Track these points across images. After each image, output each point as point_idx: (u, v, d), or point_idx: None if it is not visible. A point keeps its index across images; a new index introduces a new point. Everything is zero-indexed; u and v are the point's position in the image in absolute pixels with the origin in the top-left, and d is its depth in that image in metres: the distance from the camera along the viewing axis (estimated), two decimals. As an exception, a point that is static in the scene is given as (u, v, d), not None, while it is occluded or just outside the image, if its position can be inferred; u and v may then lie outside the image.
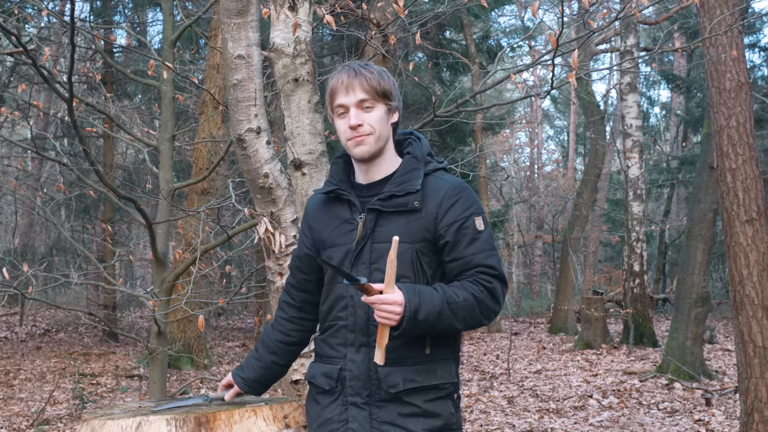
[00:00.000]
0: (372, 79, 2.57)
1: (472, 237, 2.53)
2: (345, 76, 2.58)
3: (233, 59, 3.72)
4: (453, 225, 2.52)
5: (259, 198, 3.89)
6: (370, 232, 2.57)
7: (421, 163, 2.63)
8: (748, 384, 6.15)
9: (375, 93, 2.57)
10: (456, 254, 2.53)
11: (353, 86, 2.57)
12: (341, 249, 2.62)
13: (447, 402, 2.56)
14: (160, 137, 7.37)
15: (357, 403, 2.54)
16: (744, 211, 6.21)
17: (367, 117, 2.57)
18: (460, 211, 2.54)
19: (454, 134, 19.26)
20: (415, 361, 2.52)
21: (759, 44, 21.05)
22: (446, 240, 2.53)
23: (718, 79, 6.42)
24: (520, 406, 9.55)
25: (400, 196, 2.55)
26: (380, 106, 2.59)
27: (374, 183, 2.64)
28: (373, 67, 2.62)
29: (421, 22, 8.11)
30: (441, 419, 2.53)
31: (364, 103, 2.57)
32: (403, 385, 2.49)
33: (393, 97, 2.62)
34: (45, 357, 14.97)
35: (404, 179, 2.58)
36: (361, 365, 2.54)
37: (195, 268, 6.08)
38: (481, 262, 2.52)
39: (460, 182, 2.62)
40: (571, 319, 19.75)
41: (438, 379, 2.54)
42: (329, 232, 2.67)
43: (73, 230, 18.78)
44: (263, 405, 2.86)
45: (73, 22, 4.65)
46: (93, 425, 2.73)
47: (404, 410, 2.50)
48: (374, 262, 2.55)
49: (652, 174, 24.50)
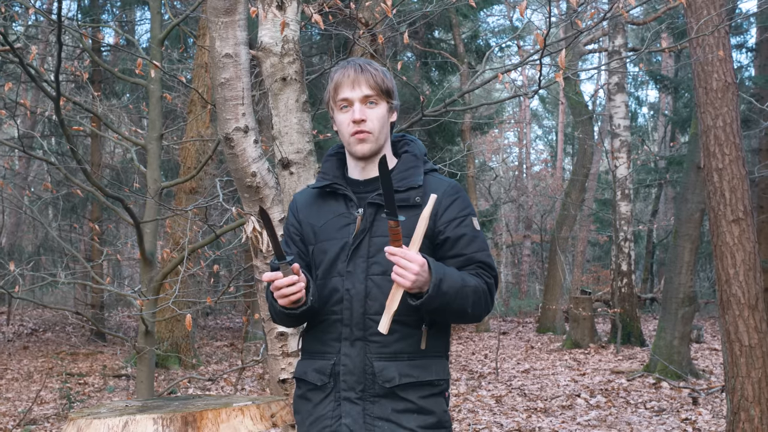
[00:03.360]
0: (377, 76, 2.60)
1: (472, 236, 2.57)
2: (351, 71, 2.60)
3: (221, 58, 3.71)
4: (453, 221, 2.56)
5: (247, 197, 3.89)
6: (369, 227, 2.57)
7: (420, 161, 2.67)
8: (735, 383, 6.17)
9: (379, 90, 2.60)
10: (458, 250, 2.56)
11: (359, 81, 2.59)
12: (337, 243, 2.60)
13: (440, 399, 2.57)
14: (148, 136, 7.34)
15: (350, 398, 2.53)
16: (731, 211, 6.23)
17: (370, 113, 2.59)
18: (459, 209, 2.58)
19: (442, 134, 19.28)
20: (411, 356, 2.52)
21: (746, 45, 21.12)
22: (447, 236, 2.55)
23: (705, 80, 6.44)
24: (508, 406, 9.57)
25: (402, 192, 2.57)
26: (383, 104, 2.62)
27: (372, 179, 2.64)
28: (376, 65, 2.65)
29: (409, 21, 8.11)
30: (435, 416, 2.53)
31: (368, 98, 2.59)
32: (399, 379, 2.48)
33: (394, 96, 2.66)
34: (32, 357, 14.91)
35: (405, 175, 2.61)
36: (356, 359, 2.53)
37: (183, 268, 6.05)
38: (482, 259, 2.57)
39: (456, 183, 2.68)
40: (559, 318, 19.80)
41: (433, 375, 2.54)
42: (321, 225, 2.67)
43: (61, 229, 18.73)
44: (250, 404, 2.85)
45: (60, 20, 4.63)
46: (79, 424, 2.72)
47: (399, 406, 2.49)
48: (372, 255, 2.55)
49: (640, 174, 24.58)
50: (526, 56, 6.04)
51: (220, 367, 13.35)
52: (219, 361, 14.47)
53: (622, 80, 16.93)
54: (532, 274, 34.54)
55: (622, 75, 16.96)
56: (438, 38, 21.53)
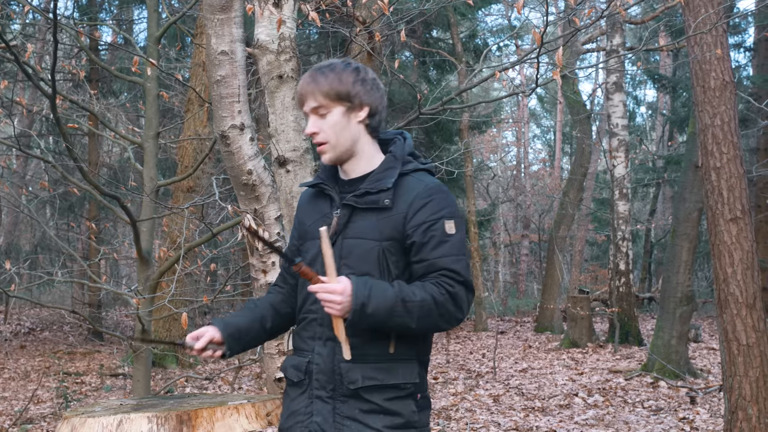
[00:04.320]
0: (326, 82, 2.54)
1: (439, 240, 2.50)
2: (303, 83, 2.60)
3: (217, 55, 3.70)
4: (421, 226, 2.50)
5: (243, 195, 3.87)
6: (342, 228, 2.57)
7: (398, 162, 2.61)
8: (733, 382, 6.17)
9: (331, 96, 2.54)
10: (422, 256, 2.51)
11: (305, 95, 2.58)
12: (316, 243, 2.60)
13: (408, 401, 2.54)
14: (145, 135, 7.33)
15: (322, 397, 2.54)
16: (728, 210, 6.22)
17: (322, 123, 2.57)
18: (430, 212, 2.51)
19: (440, 133, 19.30)
20: (377, 359, 2.51)
21: (744, 44, 21.14)
22: (413, 240, 2.50)
23: (703, 78, 6.43)
24: (506, 405, 9.57)
25: (373, 193, 2.54)
26: (336, 109, 2.56)
27: (354, 179, 2.64)
28: (333, 68, 2.58)
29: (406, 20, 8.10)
30: (401, 417, 2.51)
31: (318, 110, 2.57)
32: (362, 382, 2.49)
33: (354, 96, 2.56)
34: (29, 356, 14.90)
35: (380, 177, 2.58)
36: (327, 359, 2.54)
37: (180, 266, 6.05)
38: (446, 265, 2.49)
39: (436, 184, 2.59)
40: (557, 317, 19.80)
41: (399, 379, 2.51)
42: (309, 225, 2.69)
43: (58, 228, 18.71)
44: (246, 403, 2.85)
45: (56, 18, 4.62)
46: (74, 423, 2.71)
47: (364, 407, 2.50)
48: (344, 257, 2.54)
49: (638, 173, 24.59)
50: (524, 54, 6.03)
51: (217, 366, 13.34)
52: (215, 360, 14.44)
53: (620, 79, 16.93)
54: (530, 273, 34.54)
55: (620, 74, 16.96)
56: (436, 37, 21.54)
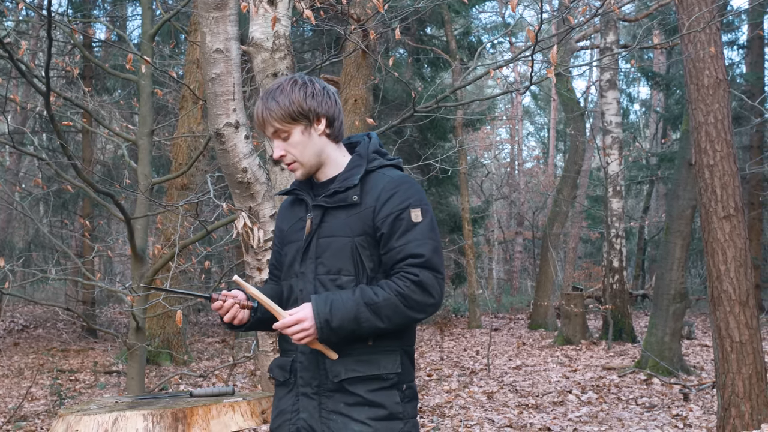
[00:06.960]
0: (276, 109, 2.62)
1: (405, 228, 2.55)
2: (256, 113, 2.68)
3: (211, 53, 3.70)
4: (389, 217, 2.56)
5: (238, 193, 3.88)
6: (316, 228, 2.64)
7: (364, 160, 2.68)
8: (726, 379, 6.19)
9: (286, 119, 2.62)
10: (389, 245, 2.56)
11: (263, 123, 2.66)
12: (294, 246, 2.71)
13: (392, 392, 2.59)
14: (139, 132, 7.32)
15: (307, 394, 2.61)
16: (722, 208, 6.24)
17: (286, 145, 2.66)
18: (396, 203, 2.57)
19: (434, 130, 19.31)
20: (359, 352, 2.57)
21: (737, 42, 21.19)
22: (382, 232, 2.56)
23: (697, 76, 6.44)
24: (500, 402, 9.58)
25: (342, 192, 2.62)
26: (295, 130, 2.64)
27: (325, 182, 2.72)
28: (282, 90, 2.64)
29: (401, 17, 8.10)
30: (385, 409, 2.57)
31: (278, 133, 2.65)
32: (345, 374, 2.55)
33: (308, 112, 2.63)
34: (23, 353, 14.87)
35: (347, 176, 2.65)
36: (311, 356, 2.61)
37: (174, 264, 6.04)
38: (410, 251, 2.53)
39: (401, 176, 2.65)
40: (550, 315, 19.84)
41: (380, 370, 2.57)
42: (287, 229, 2.79)
43: (52, 225, 18.66)
44: (241, 400, 2.86)
45: (50, 15, 4.61)
46: (69, 421, 2.71)
47: (349, 400, 2.56)
48: (319, 256, 2.62)
49: (632, 171, 24.64)
50: (518, 52, 6.03)
51: (211, 364, 13.33)
52: (210, 357, 14.45)
53: (614, 77, 16.95)
54: (524, 270, 34.59)
55: (614, 72, 16.99)
56: (430, 35, 21.54)
